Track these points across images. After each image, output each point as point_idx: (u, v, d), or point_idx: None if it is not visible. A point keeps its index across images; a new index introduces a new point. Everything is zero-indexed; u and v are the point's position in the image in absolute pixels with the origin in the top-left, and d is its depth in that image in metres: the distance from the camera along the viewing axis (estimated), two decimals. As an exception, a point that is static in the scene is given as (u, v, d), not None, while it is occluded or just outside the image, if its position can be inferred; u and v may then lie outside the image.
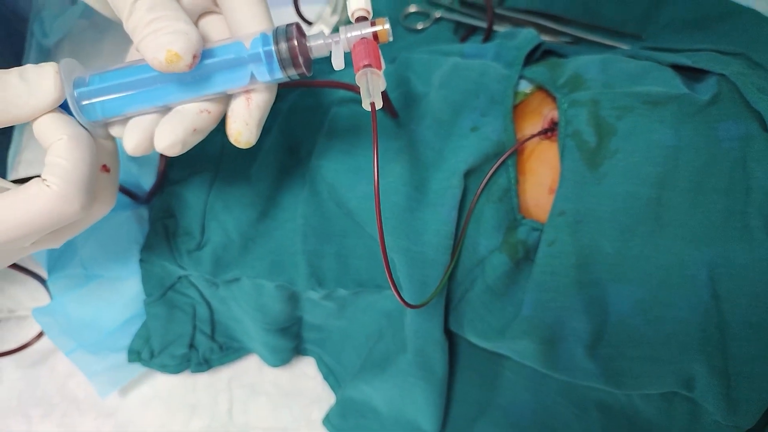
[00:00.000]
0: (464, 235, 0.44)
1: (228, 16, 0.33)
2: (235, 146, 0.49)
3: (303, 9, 0.74)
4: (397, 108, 0.48)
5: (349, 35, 0.32)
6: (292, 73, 0.33)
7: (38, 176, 0.30)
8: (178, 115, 0.33)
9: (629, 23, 0.59)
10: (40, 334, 0.57)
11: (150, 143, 0.34)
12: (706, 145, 0.41)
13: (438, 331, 0.45)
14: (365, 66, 0.31)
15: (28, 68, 0.31)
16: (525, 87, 0.49)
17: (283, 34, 0.32)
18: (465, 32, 0.69)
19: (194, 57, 0.29)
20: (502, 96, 0.47)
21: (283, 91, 0.57)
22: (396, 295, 0.34)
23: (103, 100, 0.32)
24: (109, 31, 0.73)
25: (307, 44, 0.32)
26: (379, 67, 0.31)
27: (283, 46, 0.31)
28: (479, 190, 0.44)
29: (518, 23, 0.66)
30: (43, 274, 0.53)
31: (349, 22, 0.43)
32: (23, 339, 0.61)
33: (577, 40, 0.63)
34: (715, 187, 0.40)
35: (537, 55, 0.52)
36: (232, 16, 0.33)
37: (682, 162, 0.40)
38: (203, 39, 0.32)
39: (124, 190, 0.53)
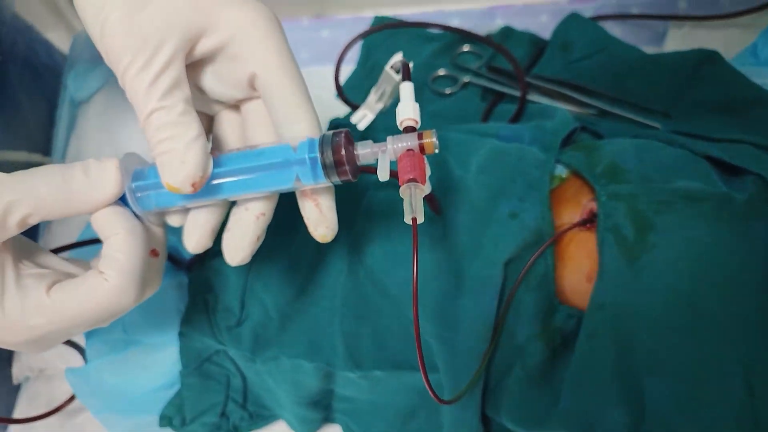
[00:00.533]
0: (503, 323, 0.45)
1: (271, 109, 0.33)
2: (273, 226, 0.51)
3: (327, 70, 0.76)
4: (434, 190, 0.49)
5: (396, 146, 0.32)
6: (336, 179, 0.33)
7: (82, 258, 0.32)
8: (239, 229, 0.34)
9: (657, 100, 0.61)
10: (72, 397, 0.57)
11: (209, 239, 0.35)
12: (742, 243, 0.41)
13: (475, 419, 0.45)
14: (410, 180, 0.31)
15: (91, 163, 0.32)
16: (561, 171, 0.50)
17: (329, 142, 0.32)
18: (492, 98, 0.70)
19: (193, 185, 0.30)
20: (540, 182, 0.48)
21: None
22: (431, 394, 0.34)
23: (158, 193, 0.34)
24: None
25: (355, 152, 0.33)
26: (424, 181, 0.32)
27: (329, 153, 0.32)
28: (518, 280, 0.45)
29: (546, 92, 0.68)
30: (81, 339, 0.54)
31: (392, 106, 0.45)
32: (52, 396, 0.62)
33: (604, 113, 0.64)
34: (750, 285, 0.41)
35: (574, 136, 0.54)
36: (275, 110, 0.33)
37: (719, 259, 0.41)
38: (246, 125, 0.35)
39: (169, 256, 0.53)
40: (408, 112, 0.33)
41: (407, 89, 0.34)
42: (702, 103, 0.58)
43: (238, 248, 0.34)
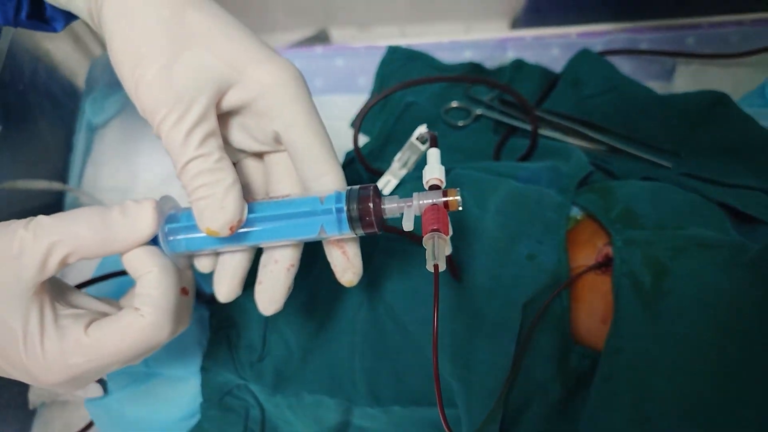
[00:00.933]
0: (520, 364, 0.46)
1: (297, 164, 0.35)
2: None
3: (341, 99, 0.78)
4: (458, 228, 0.50)
5: (421, 202, 0.33)
6: (360, 232, 0.34)
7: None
8: (271, 282, 0.36)
9: (667, 140, 0.62)
10: (89, 425, 0.58)
11: (238, 287, 0.37)
12: (758, 291, 0.43)
13: None
14: (434, 230, 0.33)
15: (130, 205, 0.34)
16: (576, 213, 0.52)
17: (355, 195, 0.33)
18: (504, 133, 0.72)
19: (231, 229, 0.32)
20: (556, 226, 0.49)
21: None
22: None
23: (188, 237, 0.35)
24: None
25: (382, 206, 0.34)
26: (447, 233, 0.33)
27: (354, 206, 0.33)
28: (535, 321, 0.46)
29: (557, 127, 0.69)
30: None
31: (415, 174, 0.46)
32: (66, 422, 0.62)
33: (614, 150, 0.65)
34: (766, 331, 0.42)
35: (588, 180, 0.55)
36: (301, 165, 0.34)
37: (736, 306, 0.42)
38: (270, 175, 0.37)
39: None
40: (434, 172, 0.35)
41: (434, 154, 0.36)
42: (712, 145, 0.60)
43: (271, 300, 0.36)
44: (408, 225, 0.33)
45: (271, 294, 0.36)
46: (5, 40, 0.59)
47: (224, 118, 0.35)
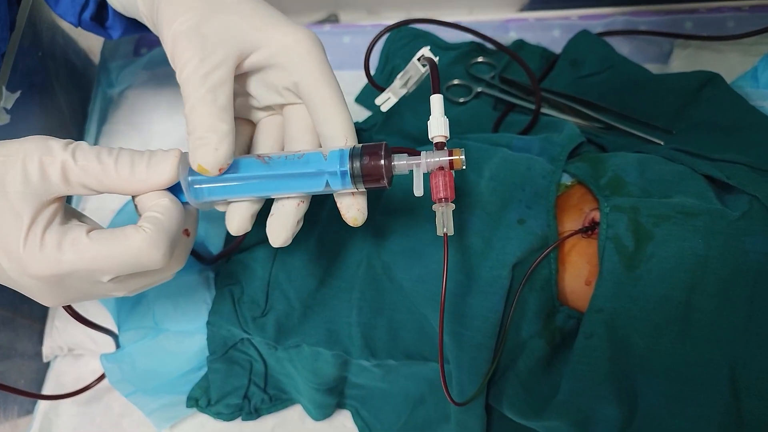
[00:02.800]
0: (510, 321, 0.48)
1: (311, 110, 0.38)
2: None
3: (348, 75, 0.80)
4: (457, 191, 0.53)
5: (428, 160, 0.36)
6: (362, 187, 0.37)
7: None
8: (282, 213, 0.38)
9: (660, 118, 0.64)
10: (101, 377, 0.61)
11: (249, 223, 0.39)
12: (733, 256, 0.45)
13: (480, 409, 0.49)
14: (442, 199, 0.36)
15: (157, 153, 0.36)
16: (566, 179, 0.54)
17: (358, 154, 0.36)
18: (504, 109, 0.74)
19: (220, 169, 0.35)
20: (546, 191, 0.52)
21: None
22: (447, 396, 0.38)
23: (210, 187, 0.38)
24: (168, 82, 0.79)
25: (392, 163, 0.37)
26: (453, 197, 0.36)
27: (357, 165, 0.35)
28: (523, 281, 0.49)
29: (554, 105, 0.71)
30: (113, 326, 0.58)
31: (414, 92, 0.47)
32: (78, 375, 0.66)
33: (609, 128, 0.68)
34: (739, 294, 0.44)
35: (580, 149, 0.57)
36: (315, 112, 0.37)
37: (711, 270, 0.45)
38: (287, 126, 0.40)
39: (193, 253, 0.57)
40: (439, 128, 0.37)
41: (437, 103, 0.37)
42: (703, 123, 0.62)
43: (281, 230, 0.38)
44: (418, 190, 0.36)
45: (282, 224, 0.38)
46: (25, 8, 0.62)
47: (248, 76, 0.39)
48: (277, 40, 0.36)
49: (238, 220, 0.39)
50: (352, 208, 0.38)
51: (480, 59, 0.78)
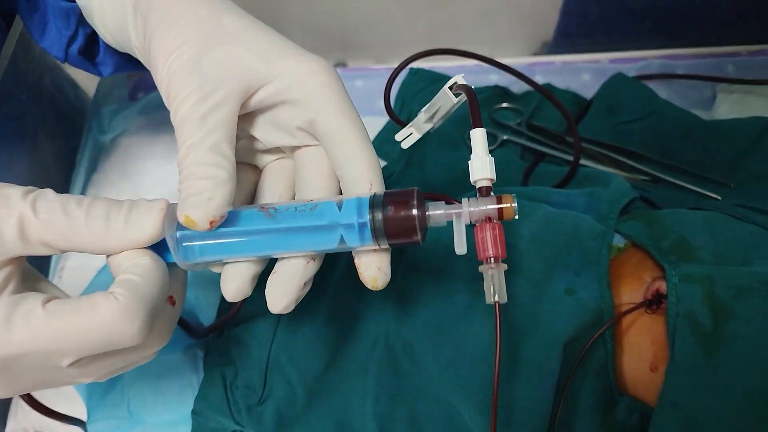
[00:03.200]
0: (559, 416, 0.40)
1: (330, 151, 0.32)
2: None
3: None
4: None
5: (472, 209, 0.29)
6: (384, 243, 0.30)
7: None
8: (286, 272, 0.31)
9: (715, 170, 0.57)
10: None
11: (249, 286, 0.32)
12: None
13: None
14: (490, 258, 0.28)
15: (140, 203, 0.30)
16: (618, 241, 0.46)
17: (380, 203, 0.29)
18: (534, 158, 0.67)
19: (211, 223, 0.29)
20: (597, 255, 0.44)
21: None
22: None
23: (202, 245, 0.31)
24: (166, 129, 0.72)
25: (427, 213, 0.30)
26: (504, 255, 0.29)
27: (380, 215, 0.29)
28: (575, 366, 0.40)
29: (591, 155, 0.64)
30: (82, 413, 0.49)
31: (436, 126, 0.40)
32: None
33: (656, 180, 0.60)
34: None
35: (631, 209, 0.50)
36: (335, 151, 0.32)
37: None
38: (300, 172, 0.34)
39: (181, 322, 0.49)
40: (483, 169, 0.29)
41: (479, 138, 0.30)
42: (765, 175, 0.54)
43: (283, 293, 0.31)
44: (460, 248, 0.29)
45: (285, 286, 0.31)
46: (9, 45, 0.56)
47: (254, 116, 0.34)
48: (288, 73, 0.31)
49: (235, 283, 0.32)
50: (372, 267, 0.31)
51: (505, 105, 0.71)
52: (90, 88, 0.74)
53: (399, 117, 0.73)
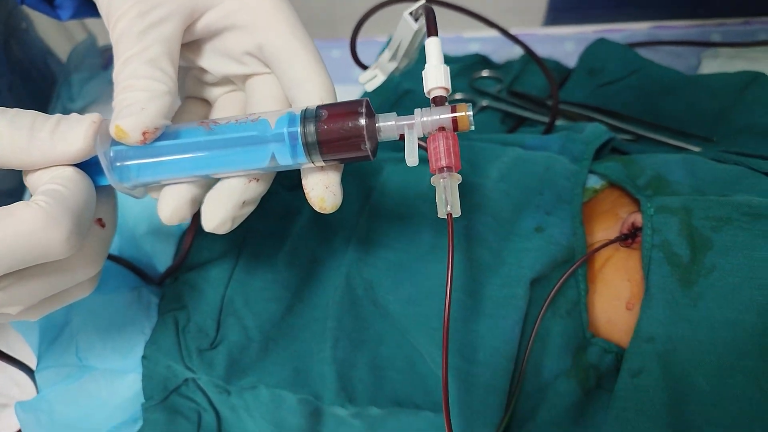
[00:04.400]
0: (528, 355, 0.37)
1: (280, 74, 0.31)
2: (260, 230, 0.44)
3: (337, 89, 0.72)
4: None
5: (425, 119, 0.27)
6: (319, 161, 0.28)
7: None
8: (224, 190, 0.29)
9: (697, 125, 0.55)
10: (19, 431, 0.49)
11: (186, 211, 0.30)
12: None
13: None
14: (444, 168, 0.27)
15: (71, 117, 0.28)
16: (595, 183, 0.44)
17: (312, 115, 0.28)
18: (513, 123, 0.65)
19: (144, 134, 0.27)
20: (570, 194, 0.42)
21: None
22: None
23: (139, 164, 0.29)
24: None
25: (377, 124, 0.28)
26: (458, 167, 0.27)
27: (311, 127, 0.27)
28: (546, 303, 0.38)
29: (573, 117, 0.62)
30: (32, 361, 0.46)
31: (406, 68, 0.38)
32: (1, 429, 0.54)
33: (639, 138, 0.58)
34: None
35: (605, 152, 0.47)
36: (284, 74, 0.30)
37: None
38: (250, 101, 0.32)
39: (134, 269, 0.47)
40: (437, 78, 0.28)
41: (434, 48, 0.29)
42: (749, 127, 0.52)
43: (217, 208, 0.29)
44: (411, 159, 0.27)
45: (221, 201, 0.29)
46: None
47: (201, 44, 0.32)
48: None
49: (173, 203, 0.30)
50: (319, 186, 0.29)
51: (485, 73, 0.70)
52: (62, 55, 0.72)
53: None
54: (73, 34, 0.73)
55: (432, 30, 0.30)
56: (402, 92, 0.64)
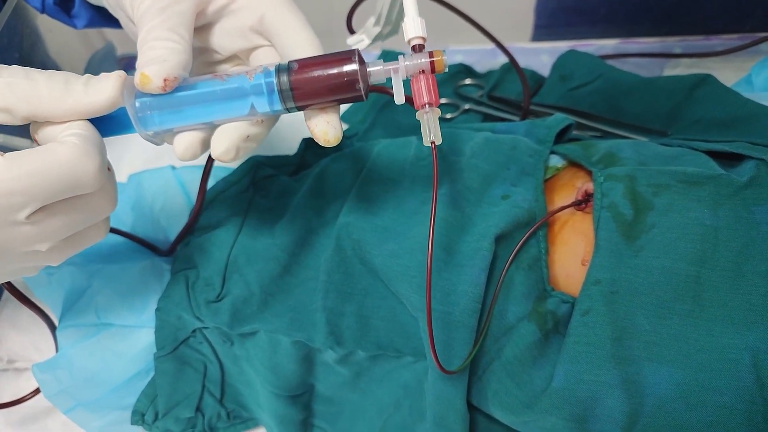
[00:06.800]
0: (495, 300, 0.43)
1: (276, 42, 0.35)
2: (262, 204, 0.49)
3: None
4: (429, 174, 0.49)
5: (407, 63, 0.33)
6: (292, 106, 0.33)
7: None
8: (231, 124, 0.34)
9: (655, 120, 0.61)
10: (35, 391, 0.53)
11: (198, 147, 0.35)
12: (744, 227, 0.40)
13: (460, 401, 0.42)
14: (425, 104, 0.32)
15: (101, 76, 0.32)
16: (557, 162, 0.50)
17: (285, 68, 0.33)
18: (492, 122, 0.72)
19: (165, 80, 0.31)
20: (533, 168, 0.48)
21: (314, 154, 0.59)
22: (434, 359, 0.33)
23: (162, 113, 0.33)
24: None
25: (367, 69, 0.33)
26: (437, 103, 0.33)
27: (284, 78, 0.32)
28: (510, 257, 0.44)
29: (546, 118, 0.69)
30: (54, 322, 0.52)
31: (390, 34, 0.44)
32: (17, 392, 0.58)
33: (604, 134, 0.65)
34: (755, 270, 0.39)
35: (565, 139, 0.54)
36: (280, 42, 0.35)
37: (721, 242, 0.40)
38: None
39: (146, 244, 0.52)
40: (415, 29, 0.33)
41: (410, 3, 0.34)
42: (699, 121, 0.59)
43: (224, 137, 0.33)
44: (399, 98, 0.33)
45: (228, 131, 0.33)
46: (7, 9, 0.61)
47: (210, 27, 0.37)
48: None
49: (185, 141, 0.34)
50: (321, 122, 0.34)
51: (468, 81, 0.77)
52: (81, 62, 0.79)
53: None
54: (92, 41, 0.80)
55: None
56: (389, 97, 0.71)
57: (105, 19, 0.52)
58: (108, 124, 0.34)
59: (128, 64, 0.84)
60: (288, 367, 0.47)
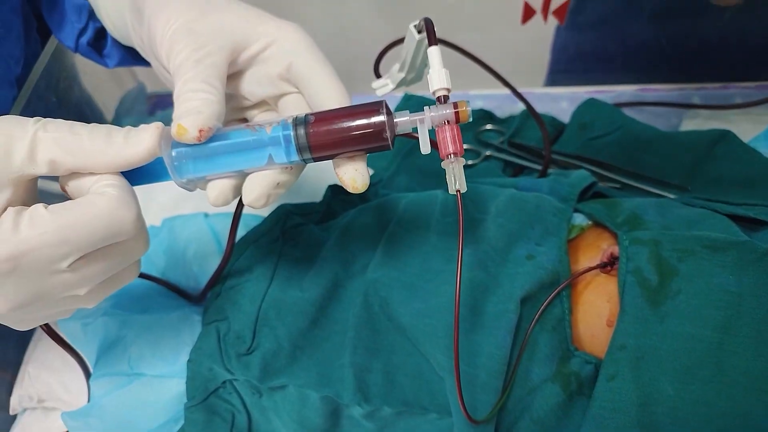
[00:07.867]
0: (519, 361, 0.44)
1: (304, 89, 0.37)
2: (291, 255, 0.51)
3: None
4: (454, 231, 0.50)
5: (432, 114, 0.34)
6: (309, 157, 0.34)
7: None
8: (261, 173, 0.36)
9: (674, 175, 0.62)
10: (66, 433, 0.55)
11: (229, 194, 0.36)
12: (767, 294, 0.41)
13: None
14: (450, 154, 0.34)
15: (139, 127, 0.33)
16: (581, 221, 0.51)
17: (302, 121, 0.34)
18: (513, 170, 0.73)
19: (200, 131, 0.33)
20: (557, 228, 0.49)
21: (341, 201, 0.60)
22: (462, 410, 0.34)
23: (196, 161, 0.35)
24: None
25: (394, 120, 0.34)
26: (462, 152, 0.34)
27: (301, 131, 0.34)
28: (535, 318, 0.45)
29: (566, 167, 0.70)
30: (87, 364, 0.53)
31: (413, 81, 0.45)
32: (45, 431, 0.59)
33: (624, 186, 0.66)
34: None
35: (588, 195, 0.55)
36: (308, 88, 0.37)
37: (745, 309, 0.41)
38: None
39: (178, 291, 0.54)
40: (440, 81, 0.35)
41: (435, 55, 0.36)
42: (719, 179, 0.60)
43: (256, 185, 0.35)
44: (425, 148, 0.34)
45: (259, 179, 0.35)
46: (47, 52, 0.64)
47: (240, 75, 0.39)
48: (269, 33, 0.37)
49: (218, 188, 0.35)
50: (349, 170, 0.35)
51: (489, 126, 0.78)
52: (113, 101, 0.81)
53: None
54: (123, 81, 0.83)
55: (432, 40, 0.37)
56: (413, 144, 0.73)
57: (135, 58, 0.54)
58: (138, 173, 0.35)
59: (158, 101, 0.86)
60: (315, 420, 0.48)
